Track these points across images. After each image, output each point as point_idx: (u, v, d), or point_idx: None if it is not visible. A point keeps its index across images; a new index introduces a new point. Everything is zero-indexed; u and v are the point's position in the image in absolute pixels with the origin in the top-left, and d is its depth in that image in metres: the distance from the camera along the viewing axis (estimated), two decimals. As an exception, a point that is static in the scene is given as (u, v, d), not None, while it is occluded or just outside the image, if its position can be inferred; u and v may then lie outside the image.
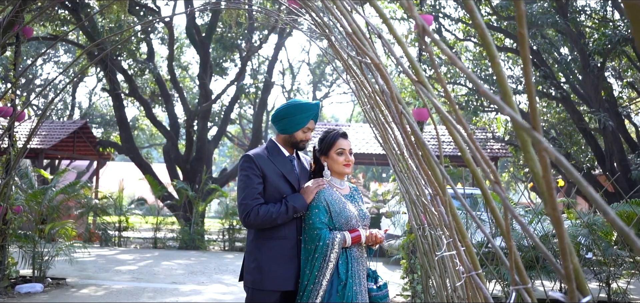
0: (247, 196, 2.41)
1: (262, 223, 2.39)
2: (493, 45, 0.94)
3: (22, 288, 6.37)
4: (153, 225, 13.44)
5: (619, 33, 9.60)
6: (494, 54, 0.93)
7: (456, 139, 1.36)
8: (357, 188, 2.69)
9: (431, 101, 1.36)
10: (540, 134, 0.83)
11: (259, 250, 2.45)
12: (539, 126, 0.84)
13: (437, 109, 1.30)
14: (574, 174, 0.75)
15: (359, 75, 3.09)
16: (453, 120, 1.36)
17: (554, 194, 0.87)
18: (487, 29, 0.95)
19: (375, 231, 2.51)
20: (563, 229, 0.87)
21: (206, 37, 14.44)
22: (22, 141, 10.67)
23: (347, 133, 2.68)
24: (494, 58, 0.93)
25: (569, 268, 0.89)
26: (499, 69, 0.94)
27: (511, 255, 1.20)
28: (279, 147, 2.62)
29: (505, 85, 0.94)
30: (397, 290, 6.30)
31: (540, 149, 0.83)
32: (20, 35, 6.29)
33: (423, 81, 1.44)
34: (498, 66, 0.94)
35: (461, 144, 1.34)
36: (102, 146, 16.44)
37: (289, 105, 2.60)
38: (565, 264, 0.89)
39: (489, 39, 0.94)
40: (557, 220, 0.85)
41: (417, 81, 1.45)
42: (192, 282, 7.66)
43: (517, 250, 2.63)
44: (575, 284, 0.90)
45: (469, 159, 1.31)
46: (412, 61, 1.44)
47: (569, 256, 0.89)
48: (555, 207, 0.86)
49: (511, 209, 1.07)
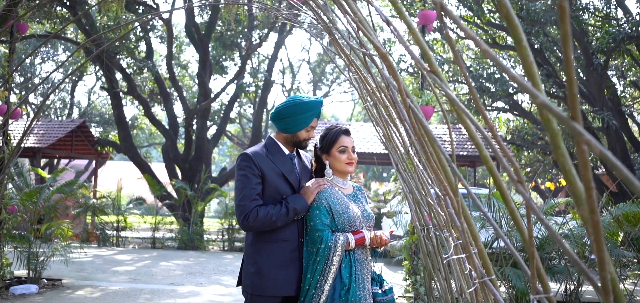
0: (246, 197, 2.28)
1: (262, 225, 2.27)
2: (520, 27, 0.84)
3: (17, 290, 6.25)
4: (151, 224, 13.32)
5: (622, 31, 9.49)
6: (520, 38, 0.83)
7: (473, 135, 1.24)
8: (360, 188, 2.56)
9: (446, 93, 1.25)
10: (581, 125, 0.71)
11: (259, 253, 2.32)
12: (579, 117, 0.72)
13: (452, 101, 1.19)
14: (623, 173, 0.63)
15: (362, 70, 2.97)
16: (469, 113, 1.25)
17: (593, 195, 0.75)
18: (512, 10, 0.84)
19: (380, 232, 2.39)
20: (602, 237, 0.75)
21: (205, 35, 14.32)
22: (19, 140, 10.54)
23: (350, 130, 2.55)
24: (520, 42, 0.83)
25: (607, 279, 0.78)
26: (526, 52, 0.84)
27: (533, 261, 1.09)
28: (278, 145, 2.48)
29: (534, 72, 0.84)
30: (400, 291, 6.19)
31: (580, 143, 0.71)
32: (15, 31, 6.17)
33: (436, 70, 1.32)
34: (525, 50, 0.84)
35: (478, 139, 1.22)
36: (100, 145, 16.32)
37: (292, 104, 2.44)
38: (602, 275, 0.78)
39: (515, 22, 0.83)
40: (597, 225, 0.74)
41: (429, 70, 1.34)
42: (191, 283, 7.54)
43: (520, 251, 2.46)
44: (612, 297, 0.79)
45: (486, 157, 1.19)
46: (424, 50, 1.32)
47: (607, 267, 0.78)
48: (595, 210, 0.74)
49: (537, 211, 0.96)
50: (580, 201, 0.76)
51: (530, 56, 0.84)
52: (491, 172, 1.22)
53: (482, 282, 1.70)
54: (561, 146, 0.80)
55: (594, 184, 0.76)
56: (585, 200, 0.75)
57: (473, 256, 1.75)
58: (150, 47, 15.07)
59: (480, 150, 1.22)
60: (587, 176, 0.73)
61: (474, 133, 1.25)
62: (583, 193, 0.76)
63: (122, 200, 13.62)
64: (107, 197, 13.25)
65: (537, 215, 0.94)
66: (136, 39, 14.73)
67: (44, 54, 23.49)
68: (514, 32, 0.84)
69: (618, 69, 13.61)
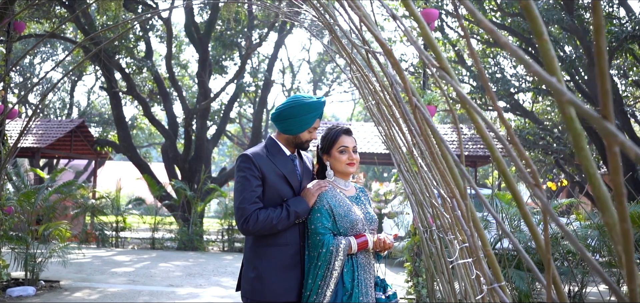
0: (245, 200, 2.19)
1: (262, 229, 2.18)
2: (540, 19, 0.77)
3: (14, 292, 6.18)
4: (151, 225, 13.25)
5: (625, 30, 9.41)
6: (541, 31, 0.76)
7: (485, 136, 1.17)
8: (363, 189, 2.48)
9: (456, 90, 1.17)
10: (613, 124, 0.64)
11: (259, 258, 2.24)
12: (611, 115, 0.65)
13: (463, 99, 1.11)
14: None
15: (364, 69, 2.90)
16: (480, 112, 1.18)
17: (625, 202, 0.68)
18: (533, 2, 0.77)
19: (384, 236, 2.30)
20: (632, 246, 0.69)
21: (205, 34, 14.25)
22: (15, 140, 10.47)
23: (351, 130, 2.48)
24: (541, 35, 0.76)
25: (636, 293, 0.71)
26: (548, 46, 0.77)
27: (549, 269, 1.02)
28: (279, 145, 2.40)
29: (555, 67, 0.77)
30: (402, 293, 6.12)
31: (612, 144, 0.64)
32: (11, 30, 6.10)
33: (446, 67, 1.25)
34: (546, 44, 0.77)
35: (490, 140, 1.15)
36: (99, 145, 16.24)
37: (294, 104, 2.34)
38: (631, 287, 0.71)
39: (535, 13, 0.77)
40: (627, 235, 0.67)
41: (438, 66, 1.26)
42: (190, 284, 7.47)
43: (526, 252, 2.38)
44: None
45: (498, 158, 1.12)
46: (432, 44, 1.25)
47: (636, 279, 0.72)
48: (626, 218, 0.67)
49: (556, 217, 0.89)
50: (605, 208, 0.69)
51: (551, 50, 0.78)
52: (504, 175, 1.15)
53: (492, 288, 1.63)
54: (585, 148, 0.73)
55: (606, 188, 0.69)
56: (615, 206, 0.68)
57: (482, 262, 1.68)
58: (150, 47, 14.99)
59: (493, 151, 1.15)
60: (618, 181, 0.66)
61: (486, 133, 1.18)
62: (608, 199, 0.69)
63: (121, 200, 13.54)
64: (106, 197, 13.18)
65: (556, 221, 0.87)
66: (135, 38, 14.66)
67: (43, 54, 23.43)
68: (534, 25, 0.78)
69: (620, 69, 13.54)
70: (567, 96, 0.69)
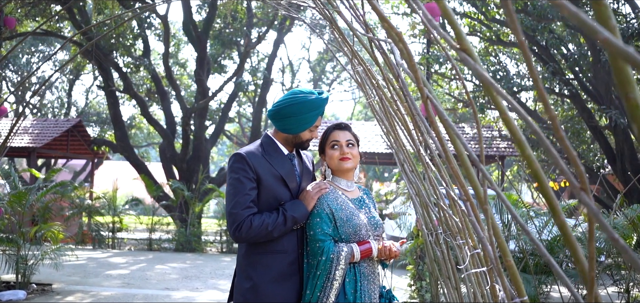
0: (238, 205, 1.99)
1: (256, 236, 1.99)
2: None
3: (4, 296, 5.99)
4: (148, 226, 13.05)
5: (630, 27, 9.23)
6: None
7: (513, 130, 0.98)
8: (368, 191, 2.29)
9: (479, 73, 0.98)
10: None
11: (254, 267, 2.04)
12: None
13: (488, 84, 0.92)
14: None
15: (367, 62, 2.72)
16: (507, 96, 0.99)
17: None
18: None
19: (389, 243, 2.11)
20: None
21: (203, 32, 14.05)
22: (4, 139, 10.29)
23: (348, 125, 2.29)
24: None
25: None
26: None
27: (591, 290, 0.85)
28: (276, 144, 2.19)
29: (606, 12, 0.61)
30: (405, 297, 5.94)
31: None
32: (2, 26, 5.91)
33: (468, 48, 1.06)
34: None
35: (520, 135, 0.96)
36: (96, 144, 16.06)
37: (294, 101, 2.12)
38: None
39: None
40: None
41: (459, 48, 1.08)
42: (186, 287, 7.28)
43: (529, 256, 2.15)
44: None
45: (530, 156, 0.94)
46: (453, 23, 1.06)
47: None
48: None
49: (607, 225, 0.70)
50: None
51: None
52: (537, 177, 0.97)
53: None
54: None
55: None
56: None
57: (503, 275, 1.49)
58: (148, 46, 14.80)
59: (524, 149, 0.96)
60: None
61: (513, 124, 0.99)
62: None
63: (118, 200, 13.34)
64: (103, 197, 12.99)
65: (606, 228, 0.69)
66: (133, 37, 14.47)
67: (41, 54, 23.22)
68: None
69: (624, 67, 13.36)
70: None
